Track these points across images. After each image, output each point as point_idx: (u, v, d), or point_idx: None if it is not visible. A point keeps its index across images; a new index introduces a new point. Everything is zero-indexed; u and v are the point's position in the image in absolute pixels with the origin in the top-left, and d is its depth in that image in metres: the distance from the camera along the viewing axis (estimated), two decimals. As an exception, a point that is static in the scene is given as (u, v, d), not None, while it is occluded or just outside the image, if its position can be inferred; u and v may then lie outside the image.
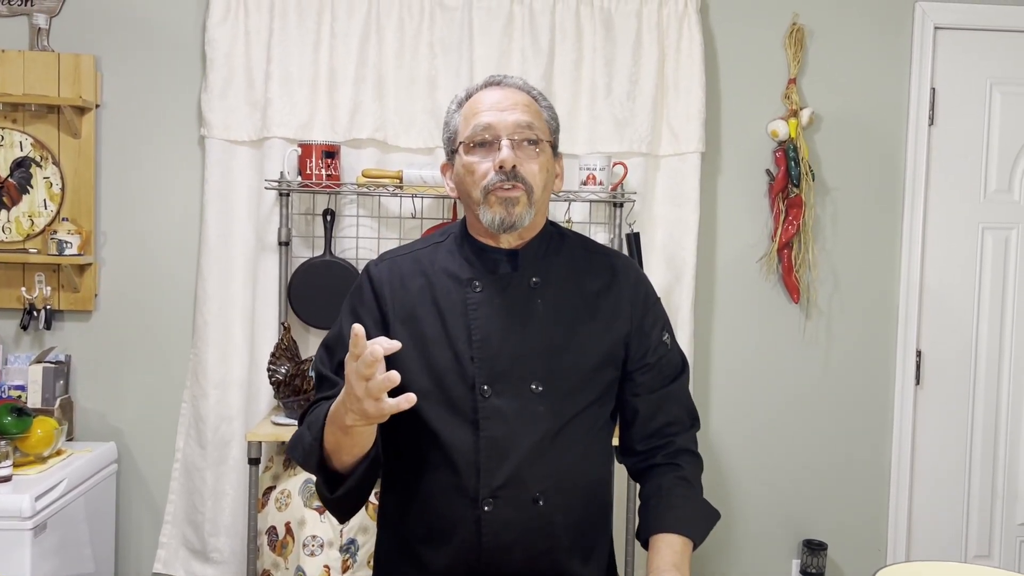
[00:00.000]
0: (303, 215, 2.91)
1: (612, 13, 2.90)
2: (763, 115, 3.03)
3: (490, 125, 1.42)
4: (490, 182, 1.41)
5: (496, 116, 1.42)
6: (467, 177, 1.44)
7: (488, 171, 1.41)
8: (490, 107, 1.44)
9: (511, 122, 1.42)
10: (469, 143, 1.43)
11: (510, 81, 1.48)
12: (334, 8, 2.84)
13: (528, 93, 1.48)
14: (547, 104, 1.50)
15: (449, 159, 1.51)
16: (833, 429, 3.12)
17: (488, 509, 1.40)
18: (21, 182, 2.87)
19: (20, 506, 2.35)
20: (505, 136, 1.41)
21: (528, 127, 1.43)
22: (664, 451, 1.53)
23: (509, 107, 1.43)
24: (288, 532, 2.55)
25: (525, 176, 1.41)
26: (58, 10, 2.88)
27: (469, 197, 1.45)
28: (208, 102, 2.84)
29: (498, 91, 1.46)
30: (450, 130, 1.49)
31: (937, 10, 3.03)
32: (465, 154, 1.44)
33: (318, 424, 1.36)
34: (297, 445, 1.42)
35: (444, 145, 1.52)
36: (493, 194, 1.41)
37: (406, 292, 1.48)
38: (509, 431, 1.40)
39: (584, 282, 1.50)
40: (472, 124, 1.43)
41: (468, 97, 1.49)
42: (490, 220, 1.42)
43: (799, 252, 3.03)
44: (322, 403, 1.43)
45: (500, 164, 1.39)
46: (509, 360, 1.42)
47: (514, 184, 1.41)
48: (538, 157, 1.44)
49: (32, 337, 2.94)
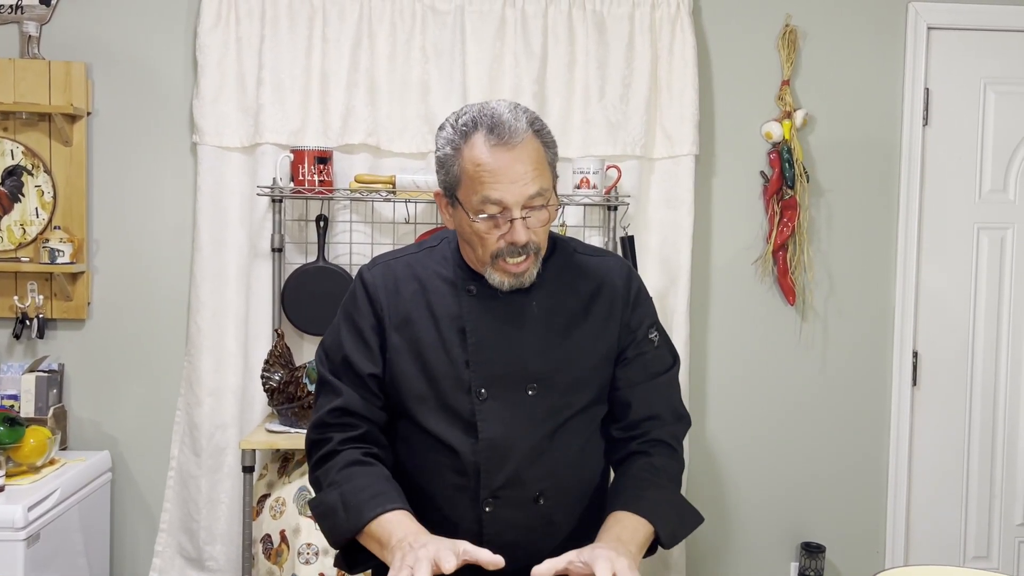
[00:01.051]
0: (296, 221, 2.90)
1: (604, 16, 2.89)
2: (757, 117, 3.02)
3: (501, 201, 1.34)
4: (499, 251, 1.37)
5: (507, 191, 1.33)
6: (473, 238, 1.39)
7: (498, 241, 1.37)
8: (499, 177, 1.33)
9: (524, 196, 1.34)
10: (476, 212, 1.36)
11: (516, 137, 1.34)
12: (325, 13, 2.83)
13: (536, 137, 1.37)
14: (549, 139, 1.40)
15: (447, 198, 1.42)
16: (830, 431, 3.11)
17: (489, 509, 1.41)
18: (12, 190, 2.86)
19: (13, 516, 2.34)
20: (517, 212, 1.34)
21: (539, 195, 1.35)
22: (639, 440, 1.51)
23: (520, 177, 1.33)
24: (283, 540, 2.54)
25: (534, 240, 1.39)
26: (48, 18, 2.87)
27: (473, 251, 1.42)
28: (200, 108, 2.83)
29: (506, 155, 1.33)
30: (449, 176, 1.39)
31: (930, 10, 3.02)
32: (471, 213, 1.36)
33: (359, 520, 1.34)
34: (327, 517, 1.39)
35: (439, 179, 1.42)
36: (502, 262, 1.38)
37: (400, 297, 1.48)
38: (507, 433, 1.41)
39: (577, 284, 1.51)
40: (481, 195, 1.34)
41: (465, 137, 1.36)
42: (499, 283, 1.41)
43: (794, 254, 3.02)
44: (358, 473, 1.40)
45: (512, 242, 1.36)
46: (504, 363, 1.43)
47: (525, 257, 1.38)
48: (548, 220, 1.39)
49: (25, 346, 2.92)
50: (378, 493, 1.36)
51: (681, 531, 1.45)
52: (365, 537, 1.35)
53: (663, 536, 1.40)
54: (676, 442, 1.55)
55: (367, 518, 1.33)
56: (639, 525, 1.38)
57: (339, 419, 1.46)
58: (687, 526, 1.47)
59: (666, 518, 1.42)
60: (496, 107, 1.37)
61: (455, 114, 1.40)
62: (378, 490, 1.37)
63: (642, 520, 1.38)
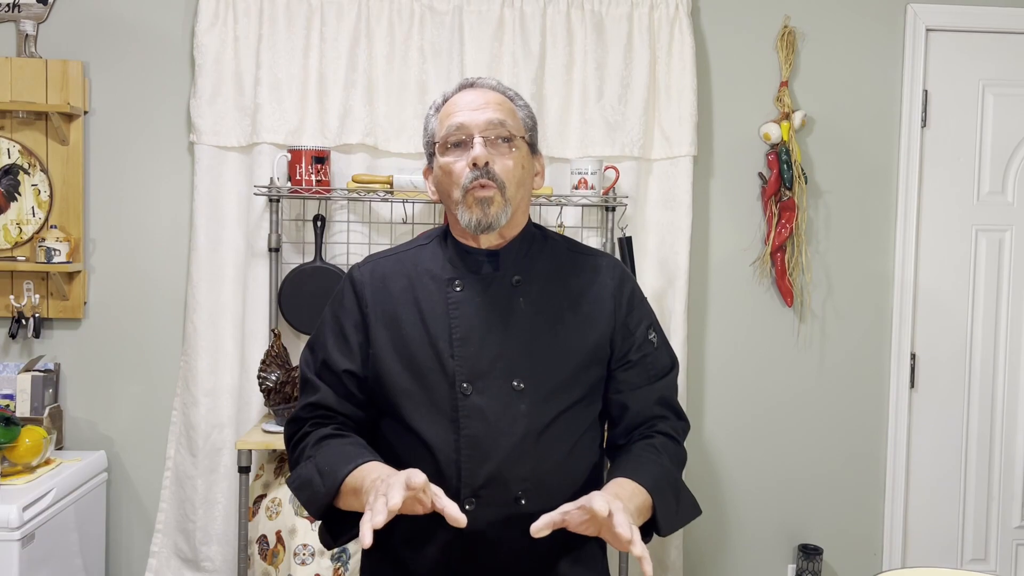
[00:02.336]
0: (293, 221, 2.89)
1: (603, 17, 2.89)
2: (755, 118, 3.02)
3: (463, 125, 1.43)
4: (467, 180, 1.42)
5: (468, 115, 1.44)
6: (444, 178, 1.46)
7: (463, 170, 1.43)
8: (463, 107, 1.45)
9: (483, 120, 1.43)
10: (444, 143, 1.45)
11: (484, 82, 1.50)
12: (323, 13, 2.83)
13: (503, 93, 1.50)
14: (523, 103, 1.52)
15: (429, 163, 1.52)
16: (828, 433, 3.11)
17: (469, 508, 1.39)
18: (9, 189, 2.85)
19: (8, 516, 2.33)
20: (477, 133, 1.43)
21: (500, 124, 1.44)
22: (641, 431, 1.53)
23: (481, 106, 1.45)
24: (279, 541, 2.53)
25: (498, 173, 1.43)
26: (45, 16, 2.87)
27: (449, 198, 1.46)
28: (197, 108, 2.82)
29: (471, 92, 1.48)
30: (428, 134, 1.51)
31: (929, 12, 3.02)
32: (441, 155, 1.46)
33: (333, 482, 1.34)
34: (304, 488, 1.40)
35: (424, 149, 1.53)
36: (470, 194, 1.42)
37: (388, 293, 1.48)
38: (490, 430, 1.40)
39: (567, 281, 1.51)
40: (446, 125, 1.45)
41: (445, 101, 1.50)
42: (467, 221, 1.43)
43: (792, 255, 3.02)
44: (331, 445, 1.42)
45: (473, 161, 1.41)
46: (490, 358, 1.42)
47: (487, 182, 1.41)
48: (512, 153, 1.45)
49: (21, 345, 2.92)
50: (352, 455, 1.37)
51: (678, 518, 1.44)
52: (343, 497, 1.35)
53: (660, 513, 1.38)
54: (679, 436, 1.55)
55: (343, 475, 1.33)
56: (637, 491, 1.37)
57: (312, 413, 1.48)
58: (684, 514, 1.45)
59: (665, 495, 1.40)
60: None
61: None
62: (351, 452, 1.38)
63: (641, 489, 1.37)
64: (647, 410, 1.52)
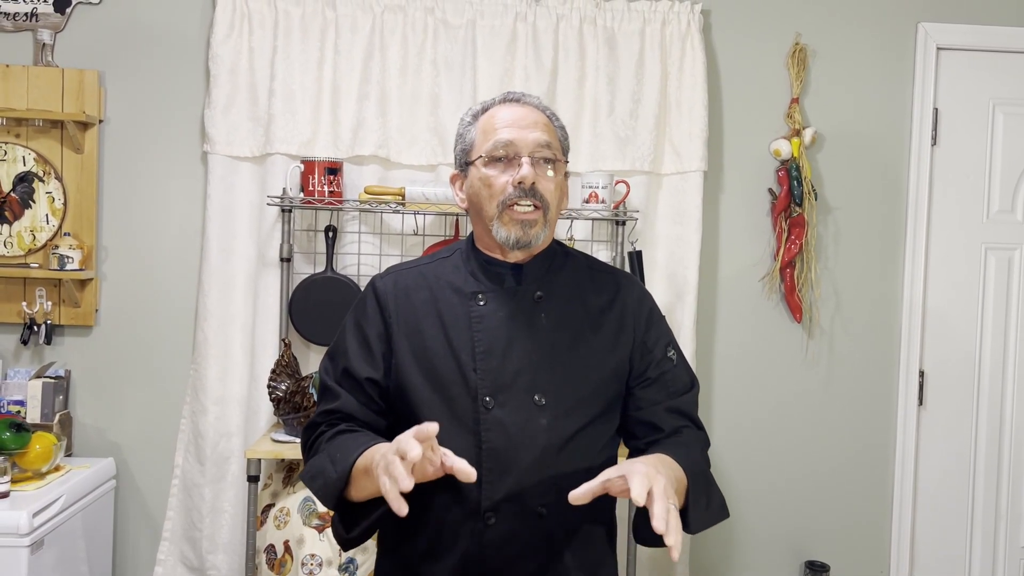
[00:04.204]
0: (305, 231, 2.91)
1: (615, 32, 2.91)
2: (766, 134, 3.03)
3: (511, 142, 1.43)
4: (508, 197, 1.42)
5: (517, 133, 1.44)
6: (483, 190, 1.45)
7: (506, 185, 1.43)
8: (510, 123, 1.45)
9: (532, 140, 1.44)
10: (488, 157, 1.44)
11: (529, 99, 1.50)
12: (338, 25, 2.85)
13: (544, 112, 1.50)
14: (560, 124, 1.53)
15: (461, 171, 1.52)
16: (836, 449, 3.11)
17: (491, 522, 1.39)
18: (23, 197, 2.87)
19: (17, 522, 2.34)
20: (526, 153, 1.43)
21: (547, 146, 1.45)
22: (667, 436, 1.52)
23: (529, 125, 1.45)
24: (287, 550, 2.53)
25: (543, 194, 1.43)
26: (63, 26, 2.89)
27: (482, 211, 1.46)
28: (211, 118, 2.84)
29: (518, 108, 1.48)
30: (465, 142, 1.50)
31: (940, 31, 3.04)
32: (483, 167, 1.45)
33: (346, 464, 1.34)
34: (317, 477, 1.39)
35: (456, 156, 1.53)
36: (509, 211, 1.42)
37: (410, 305, 1.48)
38: (511, 443, 1.40)
39: (588, 298, 1.51)
40: (492, 139, 1.45)
41: (484, 110, 1.50)
42: (505, 237, 1.44)
43: (801, 271, 3.02)
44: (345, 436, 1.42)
45: (520, 180, 1.41)
46: (512, 372, 1.42)
47: (532, 203, 1.42)
48: (555, 177, 1.46)
49: (32, 352, 2.93)
50: (362, 441, 1.37)
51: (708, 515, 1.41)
52: (356, 481, 1.33)
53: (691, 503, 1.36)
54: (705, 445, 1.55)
55: (353, 459, 1.33)
56: (677, 470, 1.35)
57: (330, 418, 1.48)
58: (713, 514, 1.43)
59: (698, 486, 1.39)
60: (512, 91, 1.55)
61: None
62: (362, 439, 1.38)
63: (680, 469, 1.36)
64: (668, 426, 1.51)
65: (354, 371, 1.48)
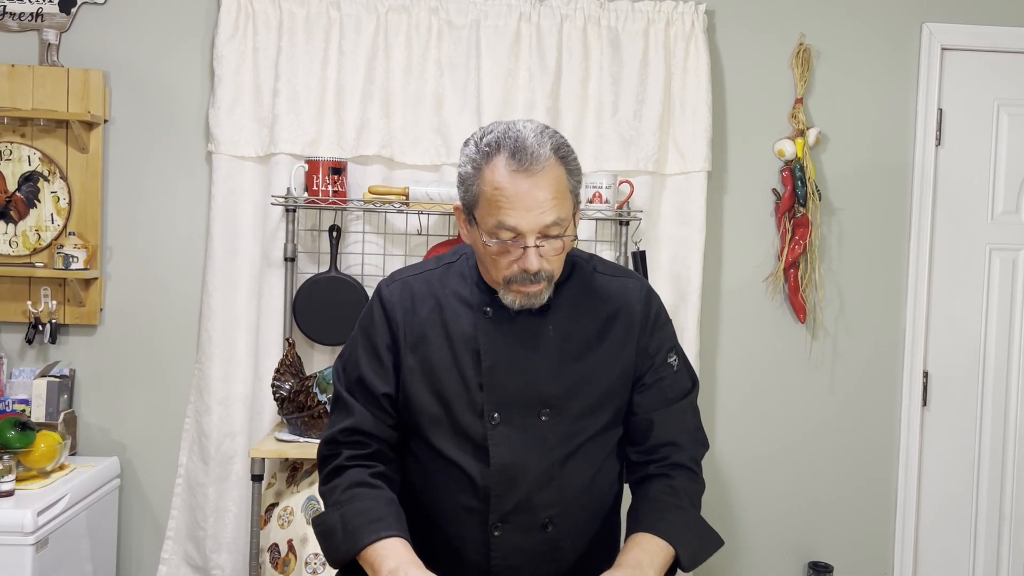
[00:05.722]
0: (309, 231, 2.91)
1: (619, 32, 2.91)
2: (770, 134, 3.03)
3: (515, 228, 1.32)
4: (512, 276, 1.36)
5: (523, 218, 1.31)
6: (487, 258, 1.39)
7: (511, 265, 1.36)
8: (516, 204, 1.30)
9: (539, 224, 1.32)
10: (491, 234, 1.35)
11: (538, 164, 1.31)
12: (342, 26, 2.85)
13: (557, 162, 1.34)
14: (574, 164, 1.37)
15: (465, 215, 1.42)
16: (839, 450, 3.10)
17: (498, 533, 1.40)
18: (29, 196, 2.88)
19: (22, 521, 2.34)
20: (532, 239, 1.32)
21: (556, 224, 1.33)
22: (658, 464, 1.50)
23: (537, 206, 1.31)
24: (290, 549, 2.54)
25: (548, 270, 1.38)
26: (68, 26, 2.90)
27: (487, 271, 1.43)
28: (216, 118, 2.85)
29: (525, 181, 1.30)
30: (468, 194, 1.37)
31: (944, 31, 3.03)
32: (486, 235, 1.35)
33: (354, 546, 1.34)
34: (327, 537, 1.40)
35: (460, 195, 1.40)
36: (514, 284, 1.38)
37: (417, 316, 1.47)
38: (518, 457, 1.40)
39: (595, 307, 1.49)
40: (496, 218, 1.32)
41: (487, 157, 1.33)
42: (510, 303, 1.41)
43: (805, 272, 3.02)
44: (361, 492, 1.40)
45: (524, 270, 1.35)
46: (518, 388, 1.42)
47: (537, 284, 1.37)
48: (563, 249, 1.37)
49: (37, 351, 2.94)
50: (377, 518, 1.36)
51: (701, 554, 1.43)
52: (361, 560, 1.35)
53: (683, 559, 1.38)
54: (696, 465, 1.54)
55: (363, 544, 1.33)
56: (659, 548, 1.36)
57: (350, 438, 1.47)
58: (707, 549, 1.45)
59: (687, 541, 1.40)
60: (522, 130, 1.34)
61: (481, 131, 1.38)
62: (377, 515, 1.37)
63: (662, 543, 1.37)
64: (663, 434, 1.50)
65: (370, 386, 1.47)
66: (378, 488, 1.42)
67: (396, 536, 1.34)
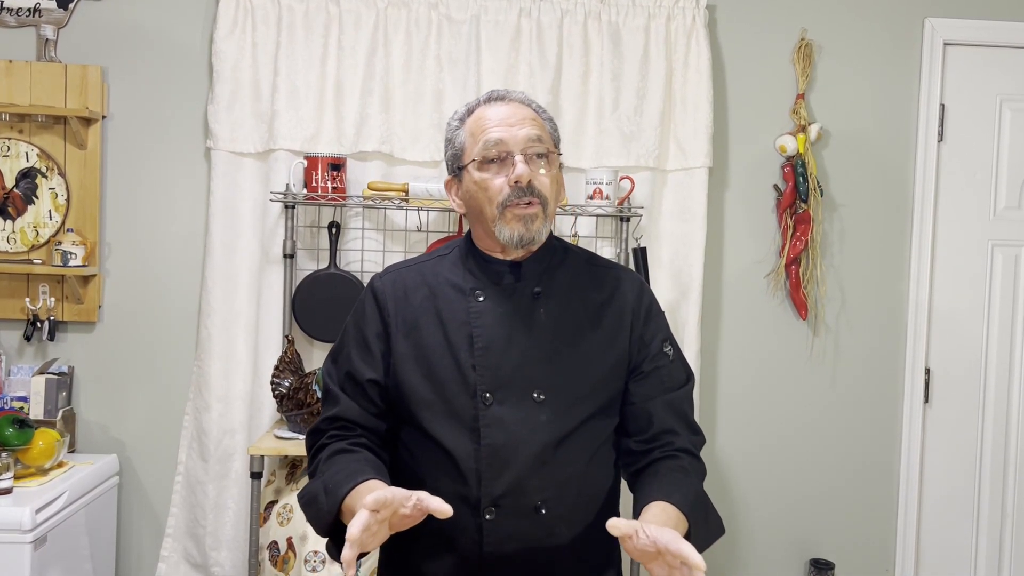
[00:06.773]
0: (308, 227, 2.90)
1: (620, 28, 2.89)
2: (771, 130, 3.01)
3: (501, 140, 1.42)
4: (506, 198, 1.42)
5: (507, 132, 1.42)
6: (480, 194, 1.44)
7: (503, 187, 1.42)
8: (499, 122, 1.43)
9: (522, 137, 1.42)
10: (480, 159, 1.43)
11: (514, 95, 1.49)
12: (341, 21, 2.84)
13: (530, 106, 1.49)
14: (548, 117, 1.51)
15: (455, 175, 1.51)
16: (841, 447, 3.09)
17: (489, 518, 1.39)
18: (26, 193, 2.86)
19: (20, 519, 2.34)
20: (518, 151, 1.42)
21: (538, 140, 1.44)
22: (662, 449, 1.49)
23: (518, 122, 1.43)
24: (290, 547, 2.53)
25: (540, 190, 1.43)
26: (66, 21, 2.89)
27: (482, 214, 1.45)
28: (215, 114, 2.84)
29: (503, 106, 1.46)
30: (455, 147, 1.49)
31: (946, 26, 3.02)
32: (476, 171, 1.44)
33: (335, 500, 1.34)
34: (311, 504, 1.40)
35: (448, 162, 1.52)
36: (510, 211, 1.41)
37: (409, 304, 1.48)
38: (510, 439, 1.40)
39: (587, 294, 1.51)
40: (482, 140, 1.43)
41: (470, 112, 1.48)
42: (508, 237, 1.43)
43: (807, 268, 3.01)
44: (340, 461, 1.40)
45: (516, 180, 1.40)
46: (511, 368, 1.42)
47: (531, 199, 1.42)
48: (549, 170, 1.45)
49: (35, 348, 2.93)
50: (354, 471, 1.36)
51: (707, 535, 1.42)
52: (345, 515, 1.34)
53: (694, 535, 1.36)
54: (697, 451, 1.53)
55: (342, 495, 1.32)
56: (678, 518, 1.35)
57: (332, 425, 1.48)
58: (712, 533, 1.44)
59: (698, 518, 1.39)
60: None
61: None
62: (355, 469, 1.37)
63: (679, 513, 1.35)
64: (662, 422, 1.50)
65: (356, 373, 1.48)
66: (357, 452, 1.43)
67: (373, 479, 1.34)
